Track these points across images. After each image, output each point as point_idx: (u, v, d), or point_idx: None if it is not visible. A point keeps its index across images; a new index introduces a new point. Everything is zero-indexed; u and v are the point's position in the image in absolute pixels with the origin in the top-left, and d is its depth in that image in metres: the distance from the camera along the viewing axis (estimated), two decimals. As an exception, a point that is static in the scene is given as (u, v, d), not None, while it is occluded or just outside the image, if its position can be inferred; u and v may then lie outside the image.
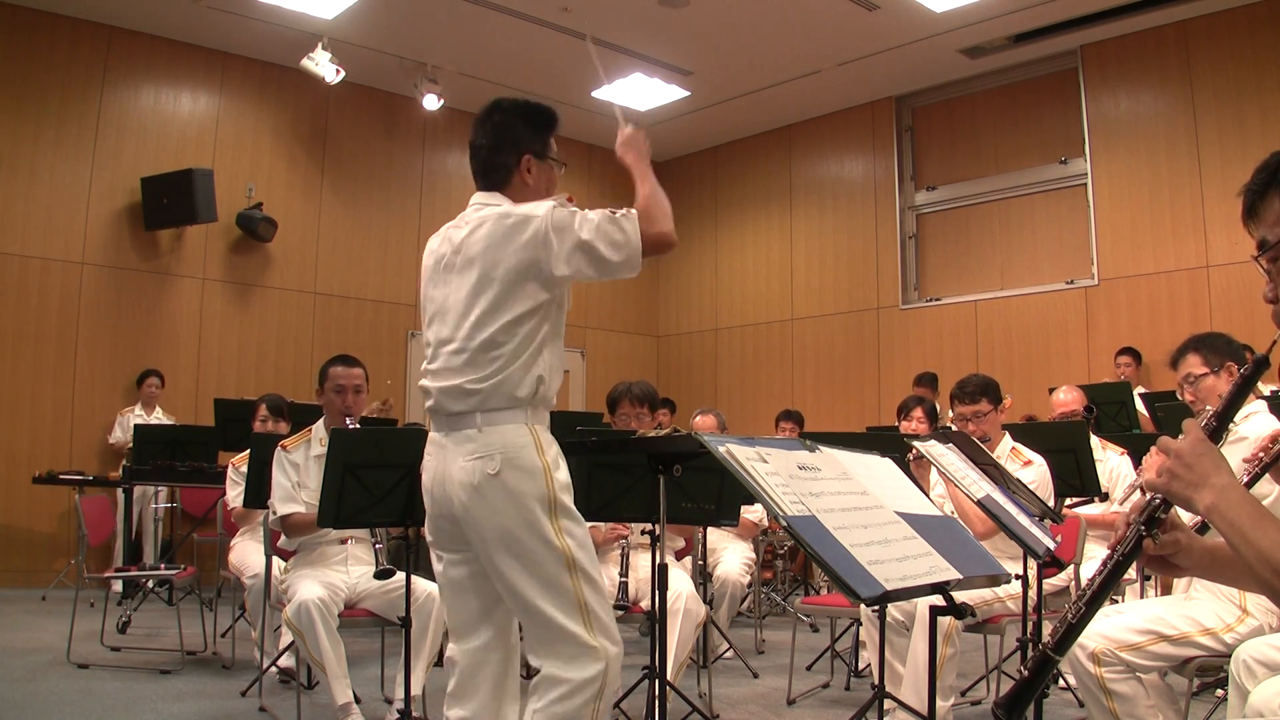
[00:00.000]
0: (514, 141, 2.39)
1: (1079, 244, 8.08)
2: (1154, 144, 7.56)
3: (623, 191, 2.51)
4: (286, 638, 3.85)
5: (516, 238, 2.22)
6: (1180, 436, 1.31)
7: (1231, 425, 2.60)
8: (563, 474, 2.26)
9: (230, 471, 4.59)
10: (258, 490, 4.10)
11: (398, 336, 9.22)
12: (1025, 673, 1.43)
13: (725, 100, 9.26)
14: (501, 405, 2.22)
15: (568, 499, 2.25)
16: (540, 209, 2.24)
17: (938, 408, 7.56)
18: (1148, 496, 1.41)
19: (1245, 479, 1.62)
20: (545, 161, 2.42)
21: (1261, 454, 1.71)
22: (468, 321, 2.25)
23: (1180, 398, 3.12)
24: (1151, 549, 1.42)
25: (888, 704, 3.25)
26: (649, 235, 2.25)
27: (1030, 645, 3.16)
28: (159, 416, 7.50)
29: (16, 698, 3.89)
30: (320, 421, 3.72)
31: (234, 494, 4.49)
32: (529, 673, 2.35)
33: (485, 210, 2.32)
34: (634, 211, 2.27)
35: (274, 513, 3.59)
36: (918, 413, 5.22)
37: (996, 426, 3.83)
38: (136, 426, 6.22)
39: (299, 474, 3.60)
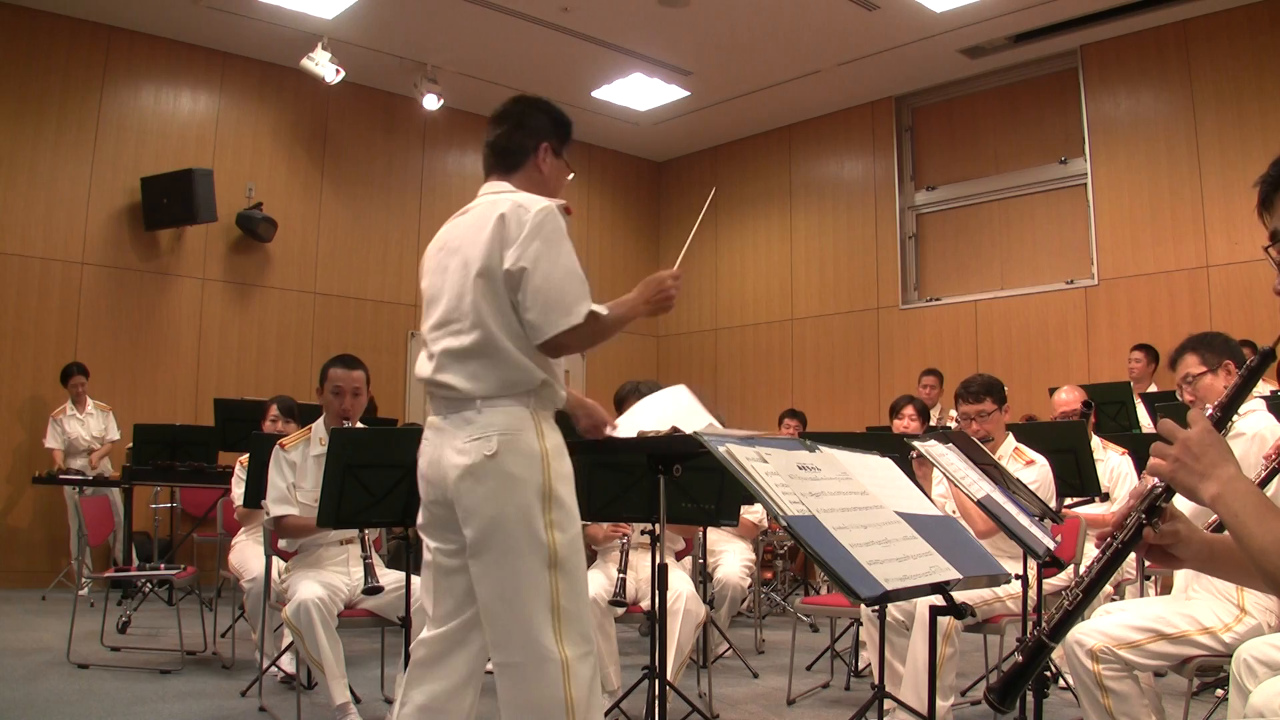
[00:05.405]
0: (535, 129, 2.39)
1: (1079, 244, 8.07)
2: (1154, 144, 7.56)
3: (622, 193, 2.50)
4: (287, 638, 3.85)
5: (511, 223, 2.18)
6: (1187, 426, 1.30)
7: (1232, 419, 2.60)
8: (563, 465, 2.20)
9: (237, 469, 4.58)
10: (256, 490, 4.10)
11: (398, 336, 9.22)
12: (1019, 658, 1.43)
13: (725, 100, 9.25)
14: (503, 391, 2.18)
15: (564, 491, 2.18)
16: (539, 203, 2.20)
17: (928, 405, 7.64)
18: (1150, 484, 1.40)
19: (1262, 475, 1.63)
20: (559, 159, 2.43)
21: (1277, 453, 1.71)
22: (462, 307, 2.22)
23: (1180, 398, 3.12)
24: (1151, 538, 1.41)
25: (888, 704, 3.25)
26: (567, 329, 2.15)
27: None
28: (91, 410, 7.24)
29: (16, 698, 3.89)
30: (320, 420, 3.69)
31: (239, 492, 4.48)
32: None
33: (488, 196, 2.31)
34: (602, 309, 2.20)
35: (267, 514, 3.57)
36: (909, 410, 5.39)
37: (1000, 426, 3.82)
38: (136, 427, 6.20)
39: (295, 474, 3.56)
